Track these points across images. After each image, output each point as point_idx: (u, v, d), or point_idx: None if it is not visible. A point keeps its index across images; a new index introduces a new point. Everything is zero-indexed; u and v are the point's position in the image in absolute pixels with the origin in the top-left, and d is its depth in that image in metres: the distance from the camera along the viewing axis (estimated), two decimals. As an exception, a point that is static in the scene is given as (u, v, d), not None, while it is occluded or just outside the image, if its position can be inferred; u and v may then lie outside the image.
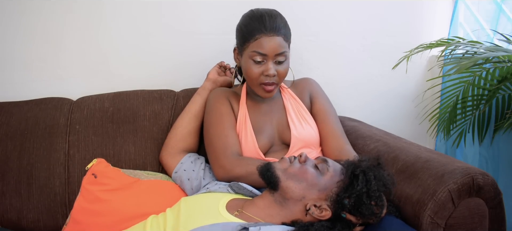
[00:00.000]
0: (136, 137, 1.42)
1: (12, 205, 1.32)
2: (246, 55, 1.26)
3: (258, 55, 1.23)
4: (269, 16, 1.24)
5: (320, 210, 1.01)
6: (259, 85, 1.27)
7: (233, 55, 1.37)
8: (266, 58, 1.24)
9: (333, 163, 1.07)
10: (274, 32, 1.23)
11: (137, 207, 1.23)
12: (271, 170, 1.05)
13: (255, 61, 1.24)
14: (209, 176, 1.29)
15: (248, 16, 1.28)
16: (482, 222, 1.06)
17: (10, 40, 1.50)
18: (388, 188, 1.02)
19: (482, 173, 1.05)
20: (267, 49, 1.23)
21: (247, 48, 1.25)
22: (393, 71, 1.64)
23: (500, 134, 1.59)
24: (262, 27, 1.23)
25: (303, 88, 1.42)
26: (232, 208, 1.06)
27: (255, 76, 1.26)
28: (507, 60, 1.39)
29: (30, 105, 1.44)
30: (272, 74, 1.24)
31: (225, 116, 1.31)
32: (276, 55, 1.24)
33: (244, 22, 1.28)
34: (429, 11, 1.82)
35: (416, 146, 1.29)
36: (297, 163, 1.06)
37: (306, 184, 1.03)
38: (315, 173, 1.04)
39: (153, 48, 1.61)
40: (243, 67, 1.30)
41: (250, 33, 1.24)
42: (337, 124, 1.38)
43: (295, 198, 1.03)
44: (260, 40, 1.23)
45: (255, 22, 1.24)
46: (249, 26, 1.25)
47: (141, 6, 1.57)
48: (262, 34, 1.23)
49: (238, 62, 1.35)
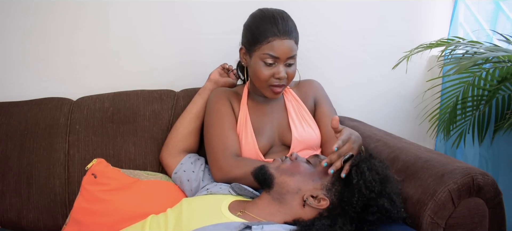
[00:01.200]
0: (136, 137, 1.42)
1: (12, 205, 1.32)
2: (257, 56, 1.25)
3: (270, 57, 1.23)
4: (281, 18, 1.24)
5: (318, 200, 1.03)
6: (268, 87, 1.27)
7: (239, 54, 1.34)
8: (278, 61, 1.24)
9: (325, 157, 1.10)
10: (287, 35, 1.22)
11: (137, 207, 1.23)
12: (264, 169, 1.09)
13: (266, 63, 1.24)
14: (208, 177, 1.29)
15: (259, 17, 1.26)
16: (482, 222, 1.06)
17: (10, 40, 1.51)
18: (382, 173, 1.03)
19: (482, 173, 1.05)
20: (280, 52, 1.22)
21: (258, 49, 1.24)
22: (393, 71, 1.64)
23: (500, 134, 1.59)
24: (275, 30, 1.22)
25: (308, 91, 1.41)
26: (235, 209, 1.06)
27: (265, 78, 1.25)
28: (507, 60, 1.39)
29: (30, 105, 1.44)
30: (283, 77, 1.24)
31: (225, 117, 1.31)
32: (287, 58, 1.24)
33: (255, 22, 1.26)
34: (429, 11, 1.83)
35: (416, 146, 1.29)
36: (288, 160, 1.10)
37: (300, 176, 1.05)
38: (308, 166, 1.08)
39: (153, 48, 1.61)
40: (251, 67, 1.29)
41: (263, 35, 1.23)
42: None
43: (292, 191, 1.04)
44: (273, 43, 1.22)
45: (267, 24, 1.23)
46: (261, 28, 1.23)
47: (141, 6, 1.57)
48: (276, 37, 1.22)
49: (244, 62, 1.33)
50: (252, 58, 1.27)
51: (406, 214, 1.06)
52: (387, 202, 1.01)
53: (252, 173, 1.11)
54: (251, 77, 1.32)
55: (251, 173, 1.12)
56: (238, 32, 1.32)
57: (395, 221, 1.04)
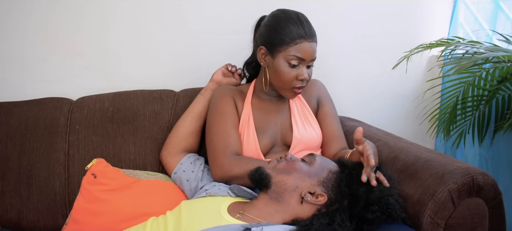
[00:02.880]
0: (136, 137, 1.42)
1: (12, 205, 1.32)
2: (282, 57, 1.24)
3: (297, 59, 1.23)
4: (305, 20, 1.25)
5: (316, 196, 1.04)
6: (290, 88, 1.27)
7: (257, 54, 1.30)
8: (303, 63, 1.24)
9: (320, 156, 1.13)
10: (312, 38, 1.24)
11: (136, 207, 1.23)
12: (260, 170, 1.10)
13: (291, 65, 1.24)
14: (207, 177, 1.29)
15: (284, 18, 1.25)
16: (482, 222, 1.06)
17: (10, 40, 1.51)
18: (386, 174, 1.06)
19: (482, 173, 1.05)
20: (307, 54, 1.23)
21: (284, 50, 1.23)
22: (393, 71, 1.64)
23: (500, 134, 1.59)
24: (302, 32, 1.22)
25: (311, 91, 1.41)
26: (234, 211, 1.06)
27: (289, 79, 1.25)
28: (507, 60, 1.39)
29: (30, 105, 1.44)
30: (307, 78, 1.25)
31: (228, 115, 1.31)
32: (311, 61, 1.25)
33: (280, 23, 1.25)
34: (429, 11, 1.82)
35: (416, 146, 1.29)
36: (283, 160, 1.11)
37: (296, 173, 1.06)
38: (303, 164, 1.10)
39: (153, 48, 1.61)
40: (273, 68, 1.26)
41: (290, 37, 1.22)
42: (340, 128, 1.41)
43: (289, 189, 1.05)
44: (301, 45, 1.22)
45: (294, 25, 1.23)
46: (288, 29, 1.23)
47: (141, 6, 1.57)
48: (303, 39, 1.22)
49: (264, 62, 1.30)
50: (275, 59, 1.25)
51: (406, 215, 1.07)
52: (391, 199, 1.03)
53: (249, 175, 1.11)
54: (270, 78, 1.30)
55: (247, 176, 1.12)
56: (239, 32, 1.32)
57: (395, 220, 1.04)
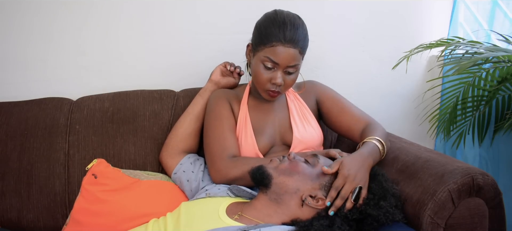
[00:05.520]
0: (136, 137, 1.42)
1: (12, 205, 1.32)
2: (258, 57, 1.24)
3: (270, 62, 1.22)
4: (291, 24, 1.21)
5: (316, 200, 1.03)
6: (265, 90, 1.27)
7: (246, 49, 1.33)
8: (277, 67, 1.23)
9: (323, 157, 1.12)
10: (291, 44, 1.20)
11: (137, 208, 1.23)
12: (262, 169, 1.08)
13: (266, 66, 1.23)
14: (208, 177, 1.29)
15: (270, 19, 1.23)
16: (482, 222, 1.06)
17: (10, 40, 1.50)
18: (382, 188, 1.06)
19: (482, 173, 1.05)
20: (280, 59, 1.21)
21: (261, 50, 1.23)
22: (393, 71, 1.64)
23: (500, 134, 1.59)
24: (281, 36, 1.19)
25: (308, 92, 1.41)
26: (232, 212, 1.06)
27: (262, 81, 1.25)
28: (506, 60, 1.39)
29: (30, 105, 1.43)
30: (279, 83, 1.23)
31: (225, 119, 1.30)
32: (287, 67, 1.22)
33: (264, 23, 1.24)
34: (429, 11, 1.82)
35: (416, 146, 1.29)
36: (286, 160, 1.09)
37: (298, 176, 1.05)
38: (306, 165, 1.08)
39: (153, 48, 1.61)
40: (252, 66, 1.29)
41: (268, 38, 1.21)
42: (353, 106, 1.37)
43: (290, 191, 1.04)
44: (276, 48, 1.20)
45: (275, 28, 1.20)
46: (268, 30, 1.21)
47: (141, 6, 1.57)
48: (279, 43, 1.20)
49: (248, 58, 1.33)
50: (254, 57, 1.27)
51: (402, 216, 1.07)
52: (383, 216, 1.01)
53: (250, 173, 1.10)
54: (252, 76, 1.32)
55: (248, 173, 1.11)
56: (239, 32, 1.32)
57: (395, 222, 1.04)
